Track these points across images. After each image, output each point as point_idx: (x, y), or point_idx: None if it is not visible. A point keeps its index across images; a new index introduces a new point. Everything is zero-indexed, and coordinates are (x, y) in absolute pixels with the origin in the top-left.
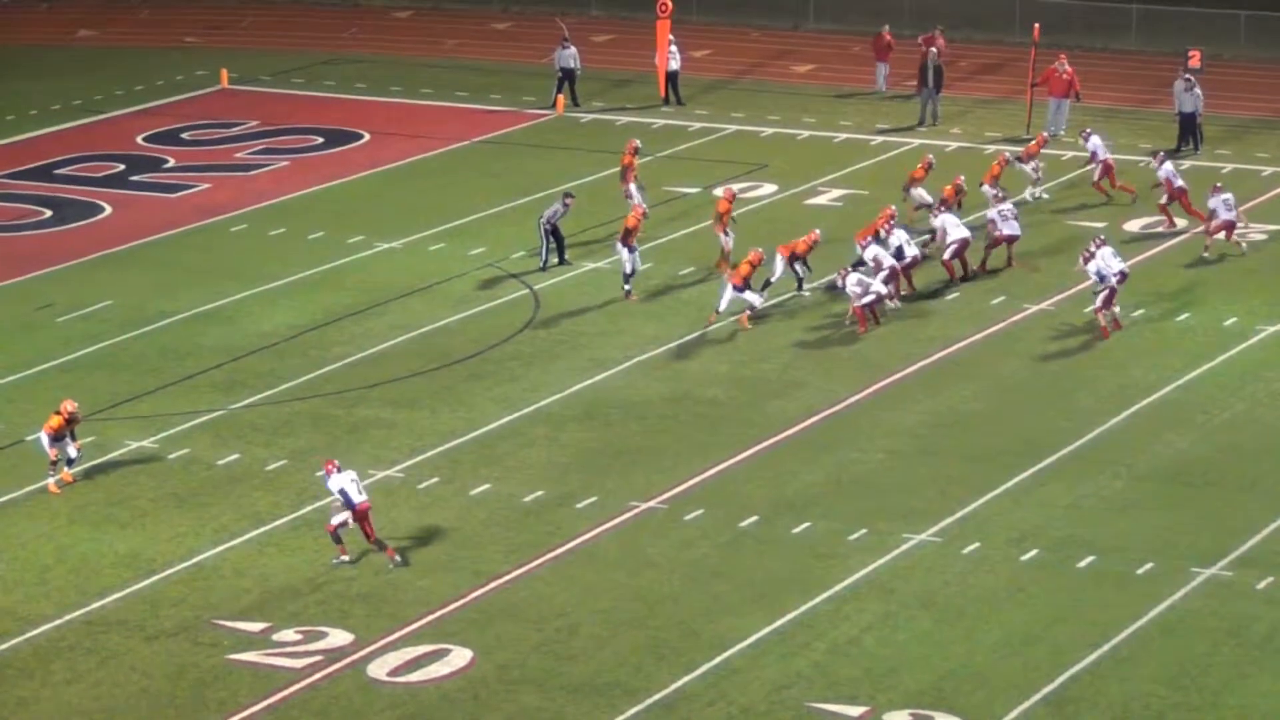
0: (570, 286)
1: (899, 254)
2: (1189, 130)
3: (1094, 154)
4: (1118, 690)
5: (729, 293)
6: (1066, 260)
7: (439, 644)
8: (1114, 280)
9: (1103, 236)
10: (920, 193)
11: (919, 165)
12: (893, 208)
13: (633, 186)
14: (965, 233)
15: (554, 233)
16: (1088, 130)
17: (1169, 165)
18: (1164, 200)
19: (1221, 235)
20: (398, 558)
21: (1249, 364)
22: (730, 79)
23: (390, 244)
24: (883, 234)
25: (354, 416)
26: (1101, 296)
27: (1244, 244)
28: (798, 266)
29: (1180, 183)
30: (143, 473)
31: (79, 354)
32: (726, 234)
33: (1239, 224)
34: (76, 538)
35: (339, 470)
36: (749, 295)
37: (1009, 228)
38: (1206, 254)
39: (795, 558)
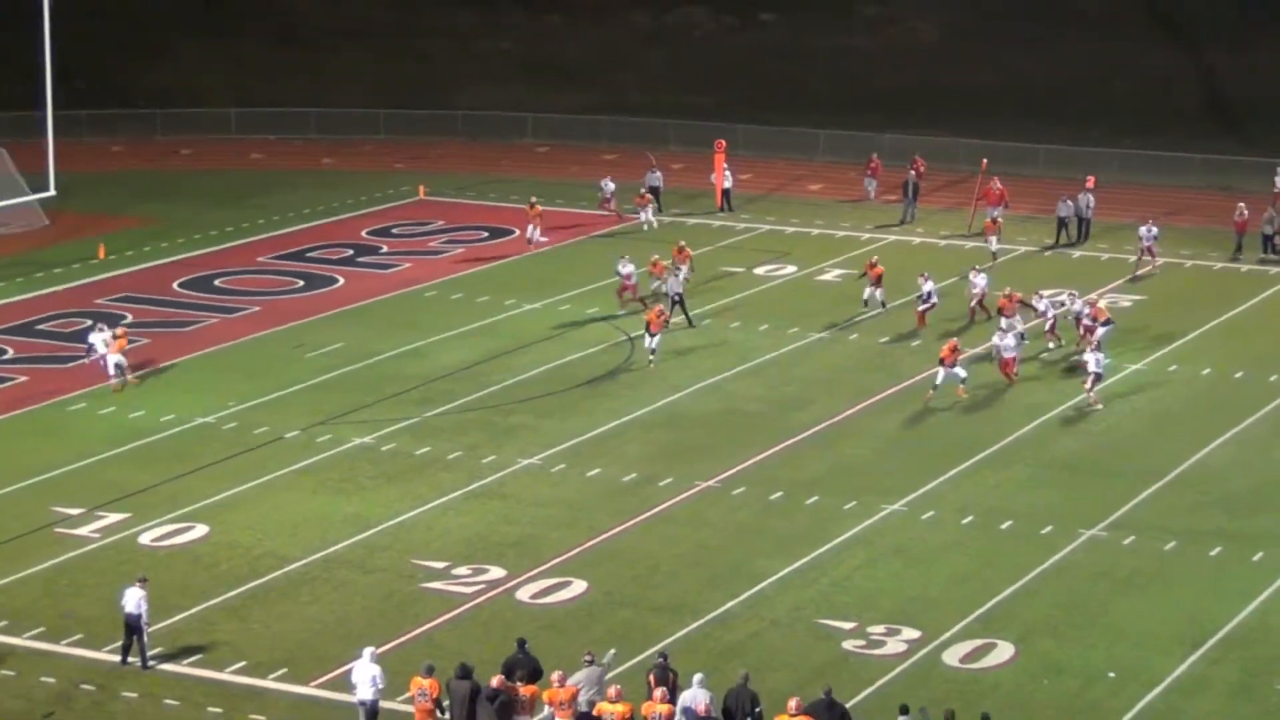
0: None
1: (928, 297)
2: (1079, 229)
3: (929, 294)
4: (1027, 613)
5: (942, 372)
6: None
7: (565, 578)
8: (1050, 320)
9: (1045, 293)
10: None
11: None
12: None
13: (532, 228)
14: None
15: (680, 302)
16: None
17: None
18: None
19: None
20: None
21: (1118, 390)
22: (765, 194)
23: (533, 305)
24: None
25: (509, 422)
26: (1049, 324)
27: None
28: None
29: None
30: (364, 459)
31: (321, 379)
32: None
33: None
34: (318, 504)
35: None
36: (958, 370)
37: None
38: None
39: (808, 521)
